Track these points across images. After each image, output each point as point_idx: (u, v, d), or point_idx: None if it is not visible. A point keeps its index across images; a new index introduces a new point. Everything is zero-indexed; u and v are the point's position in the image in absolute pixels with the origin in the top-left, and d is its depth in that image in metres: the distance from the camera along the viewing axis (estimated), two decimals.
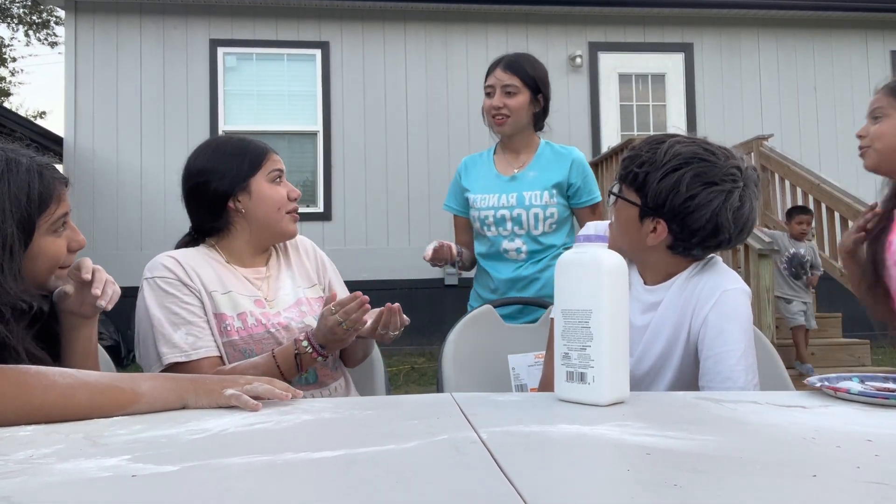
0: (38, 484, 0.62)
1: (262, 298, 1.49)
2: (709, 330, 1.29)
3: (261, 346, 1.41)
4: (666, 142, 1.31)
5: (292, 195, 1.52)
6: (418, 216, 7.26)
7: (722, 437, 0.80)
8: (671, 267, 1.37)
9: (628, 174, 1.34)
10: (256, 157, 1.51)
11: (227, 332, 1.41)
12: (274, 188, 1.50)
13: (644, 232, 1.33)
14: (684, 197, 1.26)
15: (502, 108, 2.10)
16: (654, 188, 1.28)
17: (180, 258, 1.44)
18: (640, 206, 1.32)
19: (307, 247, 1.66)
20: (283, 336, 1.43)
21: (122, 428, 0.84)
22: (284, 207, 1.51)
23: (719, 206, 1.26)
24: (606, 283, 1.00)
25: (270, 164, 1.51)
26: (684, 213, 1.27)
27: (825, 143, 7.72)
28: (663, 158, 1.29)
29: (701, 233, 1.29)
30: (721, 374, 1.26)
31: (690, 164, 1.27)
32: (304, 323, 1.48)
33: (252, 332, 1.42)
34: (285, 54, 7.25)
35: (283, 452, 0.71)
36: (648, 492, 0.60)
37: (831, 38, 7.88)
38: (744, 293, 1.32)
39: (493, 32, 7.49)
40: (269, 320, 1.45)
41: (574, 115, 7.53)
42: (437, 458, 0.71)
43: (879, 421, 0.88)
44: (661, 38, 7.73)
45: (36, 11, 19.77)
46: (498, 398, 1.05)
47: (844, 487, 0.61)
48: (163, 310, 1.37)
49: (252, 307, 1.45)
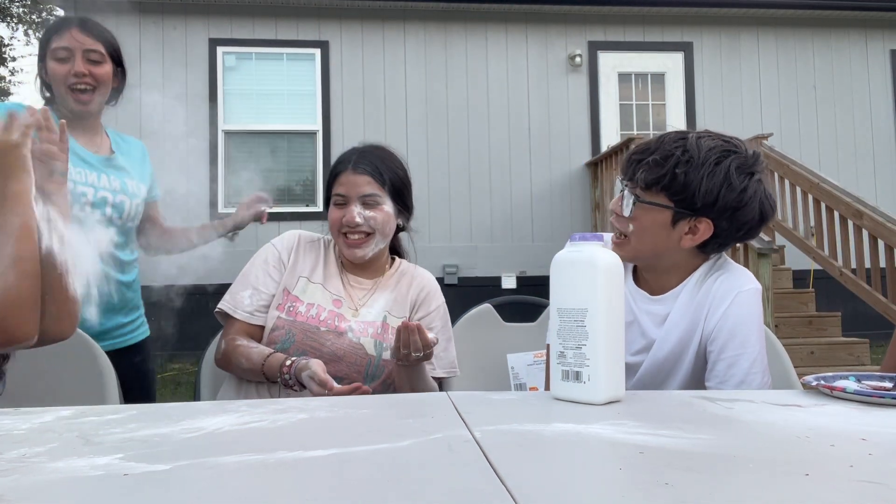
0: (30, 482, 0.62)
1: (343, 300, 1.52)
2: (723, 332, 1.26)
3: (303, 335, 1.45)
4: (687, 138, 1.25)
5: (345, 220, 1.50)
6: (417, 215, 7.24)
7: (716, 435, 0.80)
8: (689, 267, 1.33)
9: (662, 177, 1.24)
10: (332, 176, 1.55)
11: (290, 313, 1.47)
12: (332, 209, 1.53)
13: (677, 235, 1.27)
14: (738, 191, 1.22)
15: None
16: (703, 187, 1.21)
17: (300, 239, 1.59)
18: (673, 209, 1.25)
19: (424, 283, 1.62)
20: (330, 339, 1.45)
21: (117, 426, 0.84)
22: (336, 228, 1.52)
23: (763, 194, 1.26)
24: (602, 282, 0.99)
25: (336, 187, 1.53)
26: (737, 206, 1.23)
27: (825, 142, 7.71)
28: (701, 155, 1.22)
29: (749, 224, 1.26)
30: (735, 378, 1.24)
31: (729, 155, 1.23)
32: (360, 341, 1.47)
33: (307, 321, 1.46)
34: (285, 54, 7.25)
35: (276, 451, 0.71)
36: (640, 490, 0.60)
37: (831, 38, 7.88)
38: (757, 293, 1.30)
39: (492, 32, 7.49)
40: (331, 318, 1.47)
41: (574, 114, 7.53)
42: (430, 457, 0.71)
43: (874, 420, 0.88)
44: (661, 37, 7.72)
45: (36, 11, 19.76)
46: (493, 397, 1.05)
47: (837, 486, 0.61)
48: (252, 266, 1.54)
49: (326, 303, 1.50)
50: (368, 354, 1.47)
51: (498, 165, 7.37)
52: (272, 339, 1.45)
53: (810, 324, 5.22)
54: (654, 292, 1.37)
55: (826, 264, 5.08)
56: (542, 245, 7.19)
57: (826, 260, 5.07)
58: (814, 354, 4.90)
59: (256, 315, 1.49)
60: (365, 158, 1.53)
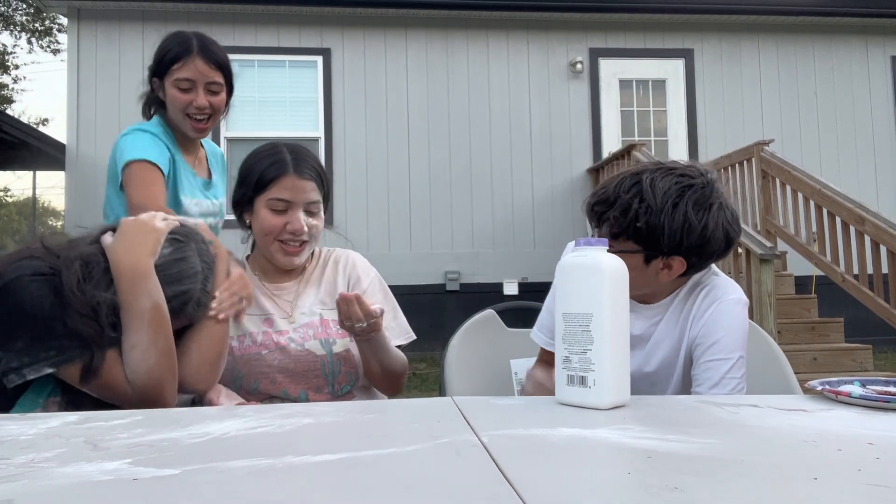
0: (39, 488, 0.62)
1: (272, 316, 1.46)
2: (704, 338, 1.31)
3: (248, 366, 1.40)
4: (642, 182, 1.26)
5: (291, 228, 1.42)
6: (419, 222, 7.27)
7: (723, 440, 0.80)
8: (676, 285, 1.37)
9: (626, 229, 1.26)
10: (265, 179, 1.42)
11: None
12: (267, 214, 1.42)
13: (653, 272, 1.29)
14: (699, 230, 1.24)
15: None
16: (665, 233, 1.23)
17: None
18: (643, 252, 1.27)
19: (350, 263, 1.57)
20: (276, 358, 1.41)
21: (124, 431, 0.84)
22: (274, 235, 1.43)
23: (724, 221, 1.27)
24: (607, 287, 1.00)
25: (277, 191, 1.41)
26: (702, 243, 1.26)
27: (826, 148, 7.72)
28: (658, 202, 1.24)
29: (717, 251, 1.29)
30: (710, 381, 1.28)
31: (685, 193, 1.25)
32: (305, 347, 1.43)
33: (246, 352, 1.41)
34: (287, 61, 7.28)
35: (284, 456, 0.72)
36: (650, 495, 0.60)
37: (832, 44, 7.90)
38: (740, 303, 1.34)
39: (493, 39, 7.51)
40: (267, 339, 1.43)
41: (575, 120, 7.54)
42: (439, 461, 0.71)
43: (880, 424, 0.88)
44: (662, 44, 7.74)
45: (38, 19, 19.85)
46: (499, 402, 1.04)
47: (845, 490, 0.61)
48: None
49: (256, 327, 1.44)
50: (318, 356, 1.43)
51: (499, 172, 7.39)
52: (222, 382, 1.37)
53: (813, 330, 5.21)
54: (643, 302, 1.39)
55: (828, 270, 5.08)
56: (543, 251, 7.20)
57: (828, 266, 5.06)
58: (816, 360, 4.89)
59: None
60: (305, 162, 1.44)
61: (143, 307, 1.15)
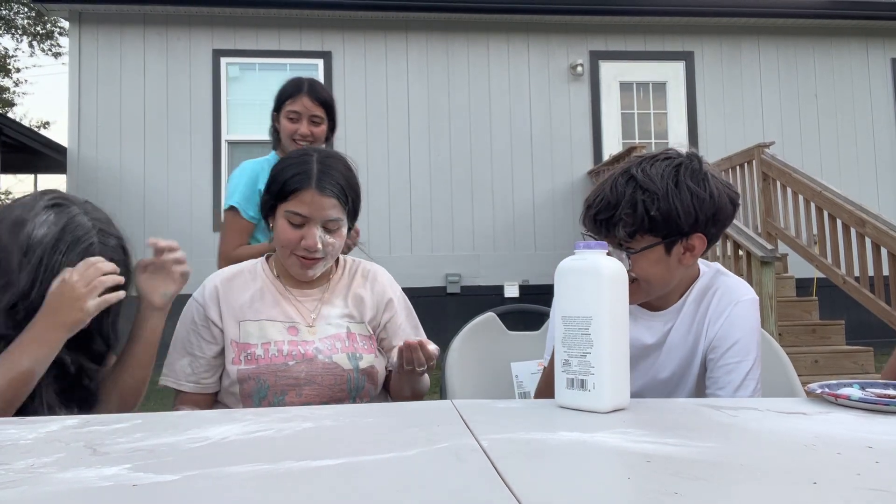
0: (38, 493, 0.62)
1: (297, 325, 1.43)
2: (722, 341, 1.31)
3: (274, 377, 1.37)
4: (634, 175, 1.26)
5: (306, 244, 1.39)
6: (420, 224, 7.27)
7: (722, 444, 0.80)
8: (687, 279, 1.36)
9: (642, 223, 1.25)
10: (287, 190, 1.40)
11: (248, 361, 1.38)
12: (284, 226, 1.40)
13: (675, 260, 1.28)
14: (708, 199, 1.25)
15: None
16: (680, 211, 1.23)
17: (222, 284, 1.46)
18: (663, 241, 1.26)
19: (377, 279, 1.54)
20: (303, 369, 1.38)
21: (123, 435, 0.84)
22: (290, 249, 1.41)
23: (722, 186, 1.29)
24: (606, 290, 1.00)
25: (295, 204, 1.39)
26: (715, 211, 1.27)
27: (826, 151, 7.72)
28: (659, 185, 1.24)
29: (728, 216, 1.30)
30: (732, 384, 1.28)
31: (679, 172, 1.26)
32: (333, 360, 1.41)
33: (272, 361, 1.38)
34: (288, 64, 7.29)
35: (283, 460, 0.72)
36: (649, 500, 0.60)
37: (832, 46, 7.90)
38: (754, 303, 1.35)
39: (494, 42, 7.52)
40: (294, 349, 1.40)
41: (575, 123, 7.55)
42: (438, 465, 0.71)
43: (880, 427, 0.88)
44: (662, 46, 7.75)
45: (40, 22, 19.89)
46: (498, 405, 1.04)
47: (845, 494, 0.61)
48: (182, 329, 1.46)
49: (281, 335, 1.41)
50: (345, 370, 1.41)
51: (500, 174, 7.39)
52: (245, 393, 1.37)
53: (814, 332, 5.20)
54: (653, 309, 1.38)
55: (829, 272, 5.07)
56: (544, 254, 7.20)
57: (829, 268, 5.06)
58: (818, 363, 4.88)
59: (203, 382, 1.42)
60: (330, 177, 1.41)
61: (27, 358, 1.14)
